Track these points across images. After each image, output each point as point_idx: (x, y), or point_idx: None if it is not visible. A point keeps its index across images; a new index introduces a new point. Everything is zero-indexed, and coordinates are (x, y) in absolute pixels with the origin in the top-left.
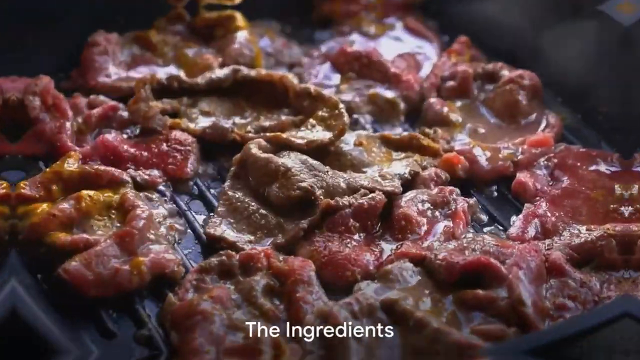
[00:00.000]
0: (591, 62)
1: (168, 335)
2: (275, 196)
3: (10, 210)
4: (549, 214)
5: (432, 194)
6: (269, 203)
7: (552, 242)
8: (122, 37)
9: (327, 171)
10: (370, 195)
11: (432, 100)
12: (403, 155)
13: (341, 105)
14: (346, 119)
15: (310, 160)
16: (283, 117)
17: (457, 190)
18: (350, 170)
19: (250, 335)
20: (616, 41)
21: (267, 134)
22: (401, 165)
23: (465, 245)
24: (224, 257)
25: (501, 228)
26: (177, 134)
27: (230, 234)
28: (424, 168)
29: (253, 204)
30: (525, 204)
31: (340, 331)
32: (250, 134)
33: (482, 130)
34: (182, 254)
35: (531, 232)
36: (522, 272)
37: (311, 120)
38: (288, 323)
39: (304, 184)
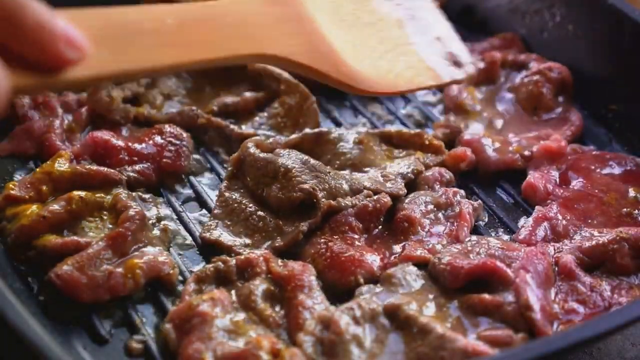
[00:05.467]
0: (602, 58)
1: (164, 343)
2: (275, 198)
3: None
4: (560, 217)
5: (436, 195)
6: (268, 204)
7: (562, 245)
8: None
9: (329, 172)
10: (375, 197)
11: (453, 89)
12: (404, 153)
13: (312, 99)
14: (318, 117)
15: (312, 161)
16: (247, 94)
17: (462, 192)
18: (349, 170)
19: (250, 342)
20: (628, 37)
21: None
22: (403, 164)
23: (469, 248)
24: (219, 263)
25: (508, 230)
26: (171, 127)
27: (227, 238)
28: (427, 166)
29: (251, 205)
30: (536, 207)
31: (342, 337)
32: (214, 112)
33: (499, 121)
34: (177, 257)
35: (540, 234)
36: (529, 276)
37: (276, 106)
38: (289, 329)
39: (305, 186)
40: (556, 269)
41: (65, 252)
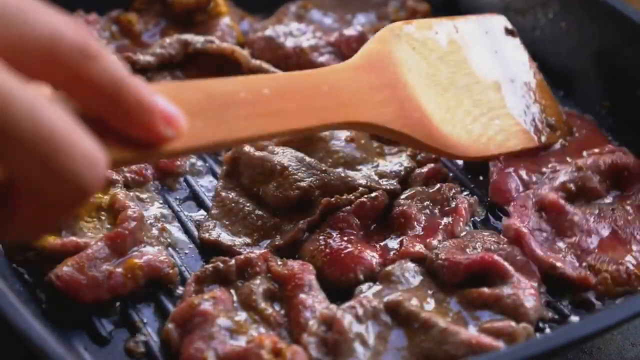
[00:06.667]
0: (594, 55)
1: (165, 343)
2: (272, 196)
3: None
4: (513, 167)
5: (432, 191)
6: (265, 203)
7: (533, 191)
8: (102, 18)
9: (325, 170)
10: (373, 195)
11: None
12: (396, 149)
13: None
14: None
15: (307, 159)
16: None
17: (457, 187)
18: (342, 168)
19: (252, 340)
20: (620, 33)
21: None
22: (396, 161)
23: (466, 243)
24: (219, 263)
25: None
26: None
27: (226, 238)
28: (420, 163)
29: (248, 204)
30: (490, 163)
31: (346, 336)
32: None
33: None
34: (176, 256)
35: (513, 185)
36: (532, 240)
37: None
38: (289, 328)
39: (303, 184)
40: (543, 214)
41: (64, 253)
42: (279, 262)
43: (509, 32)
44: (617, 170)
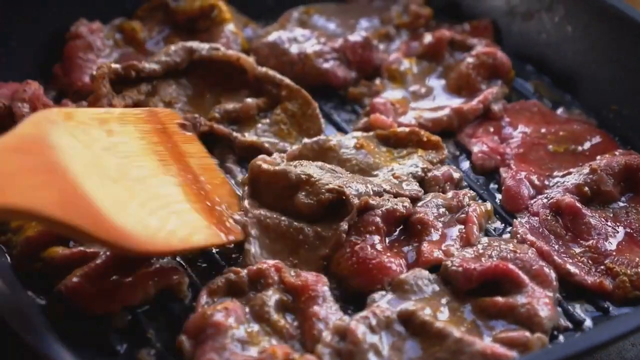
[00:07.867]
0: (601, 59)
1: (176, 354)
2: (304, 204)
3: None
4: (524, 172)
5: (448, 197)
6: (297, 213)
7: (545, 195)
8: (105, 26)
9: (347, 174)
10: (405, 203)
11: (393, 55)
12: (405, 152)
13: (315, 105)
14: (322, 121)
15: (327, 165)
16: (249, 100)
17: (471, 193)
18: (358, 175)
19: (264, 351)
20: (627, 37)
21: None
22: (410, 163)
23: (481, 251)
24: (230, 275)
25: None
26: None
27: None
28: (431, 163)
29: (283, 218)
30: (500, 170)
31: (359, 347)
32: (216, 119)
33: (422, 95)
34: (184, 264)
35: (525, 192)
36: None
37: (278, 112)
38: (302, 340)
39: (332, 185)
40: (559, 219)
41: (73, 263)
42: (292, 273)
43: (182, 126)
44: (630, 172)
